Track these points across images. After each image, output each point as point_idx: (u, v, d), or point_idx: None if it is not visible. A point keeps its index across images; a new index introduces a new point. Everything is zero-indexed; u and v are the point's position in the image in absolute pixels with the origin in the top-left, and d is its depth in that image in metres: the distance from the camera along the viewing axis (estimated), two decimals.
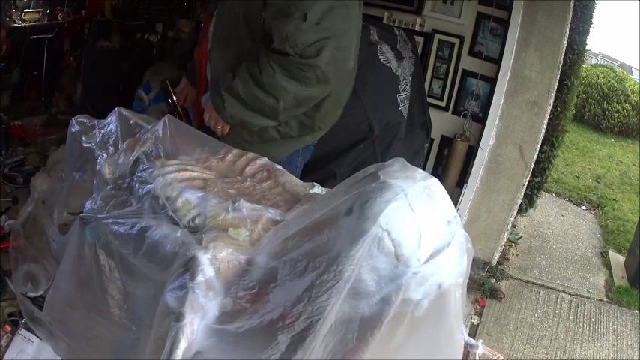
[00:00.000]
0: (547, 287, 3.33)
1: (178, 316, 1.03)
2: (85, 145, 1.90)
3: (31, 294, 1.94)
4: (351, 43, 1.45)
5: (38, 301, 1.92)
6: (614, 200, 5.26)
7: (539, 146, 3.05)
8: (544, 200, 4.48)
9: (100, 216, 1.41)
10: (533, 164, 3.07)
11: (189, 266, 1.07)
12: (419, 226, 0.97)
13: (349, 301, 0.96)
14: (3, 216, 2.47)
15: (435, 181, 1.07)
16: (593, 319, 3.07)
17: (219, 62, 1.52)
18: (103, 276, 1.35)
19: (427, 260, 0.98)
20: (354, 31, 1.46)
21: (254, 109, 1.47)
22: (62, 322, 1.47)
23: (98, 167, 1.65)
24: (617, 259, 3.92)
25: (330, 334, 0.95)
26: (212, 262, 1.08)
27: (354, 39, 1.48)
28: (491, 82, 2.96)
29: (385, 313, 0.95)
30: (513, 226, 3.81)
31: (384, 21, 3.24)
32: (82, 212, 1.51)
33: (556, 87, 2.95)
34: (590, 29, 3.25)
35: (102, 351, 1.39)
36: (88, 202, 1.55)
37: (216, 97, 1.49)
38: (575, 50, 3.13)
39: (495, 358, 1.23)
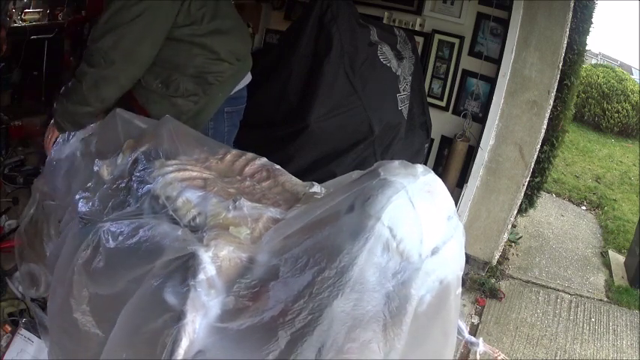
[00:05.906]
0: (547, 287, 3.33)
1: (180, 315, 1.03)
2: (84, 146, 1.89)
3: (32, 295, 1.94)
4: (139, 32, 1.77)
5: (38, 302, 1.92)
6: (614, 200, 5.25)
7: (539, 146, 3.05)
8: (544, 200, 4.48)
9: (99, 218, 1.40)
10: (533, 164, 3.07)
11: (191, 264, 1.07)
12: (420, 222, 0.97)
13: (355, 304, 0.95)
14: (3, 216, 2.47)
15: (434, 177, 1.07)
16: (593, 319, 3.06)
17: None
18: (90, 284, 1.32)
19: (429, 256, 0.98)
20: (142, 23, 1.77)
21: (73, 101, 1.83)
22: (62, 329, 1.45)
23: (96, 168, 1.63)
24: (617, 259, 3.92)
25: (349, 341, 0.93)
26: (214, 261, 1.07)
27: (143, 29, 1.78)
28: (491, 82, 2.96)
29: (408, 314, 0.94)
30: (513, 226, 3.80)
31: (384, 21, 3.24)
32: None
33: (556, 87, 2.95)
34: (590, 29, 3.25)
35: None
36: (87, 203, 1.55)
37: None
38: (575, 50, 3.13)
39: (496, 356, 1.23)
